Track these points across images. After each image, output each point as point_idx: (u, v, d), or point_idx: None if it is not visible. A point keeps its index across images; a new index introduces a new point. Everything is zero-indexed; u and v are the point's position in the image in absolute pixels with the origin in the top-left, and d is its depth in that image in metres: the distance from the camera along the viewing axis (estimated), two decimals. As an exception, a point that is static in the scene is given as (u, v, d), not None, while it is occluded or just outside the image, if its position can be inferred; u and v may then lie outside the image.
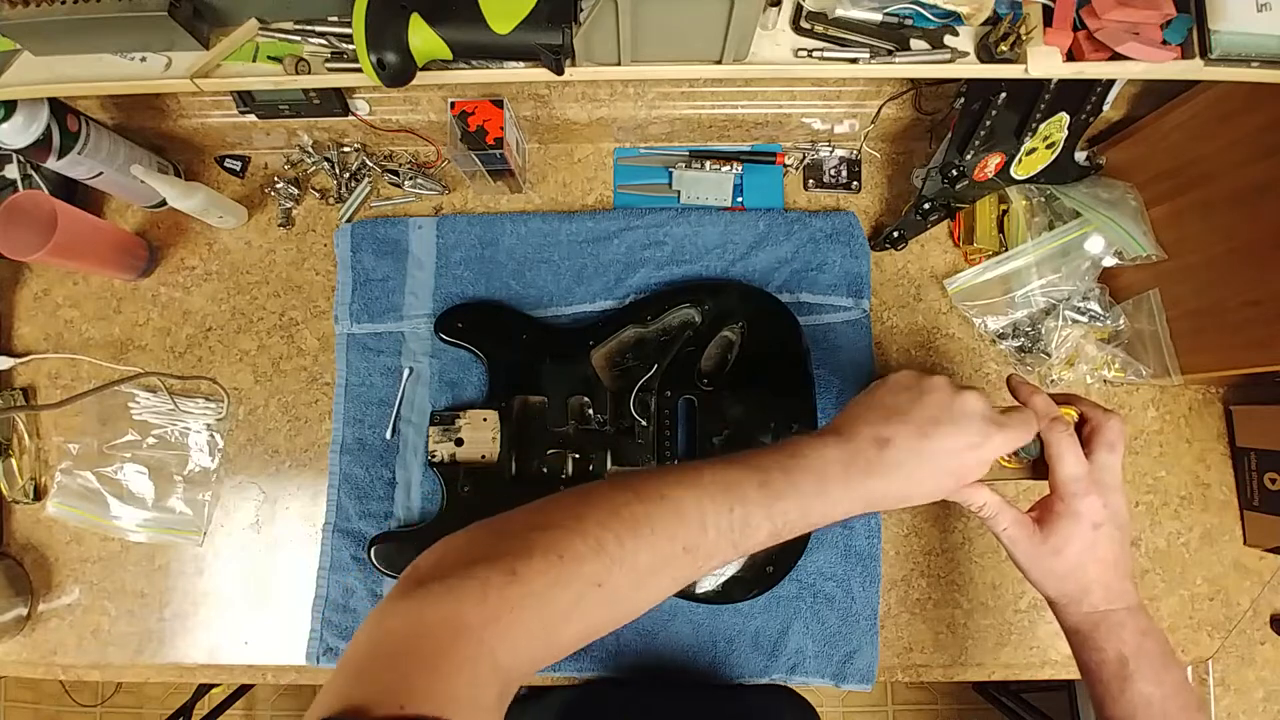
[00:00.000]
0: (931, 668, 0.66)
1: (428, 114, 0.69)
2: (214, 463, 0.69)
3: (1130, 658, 0.43)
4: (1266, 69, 0.45)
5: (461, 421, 0.64)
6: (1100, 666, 0.44)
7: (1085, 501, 0.43)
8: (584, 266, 0.69)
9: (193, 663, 0.67)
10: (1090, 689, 0.45)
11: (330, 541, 0.66)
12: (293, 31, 0.50)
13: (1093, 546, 0.44)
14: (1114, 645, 0.43)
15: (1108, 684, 0.44)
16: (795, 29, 0.48)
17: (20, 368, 0.71)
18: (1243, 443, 0.68)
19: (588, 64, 0.47)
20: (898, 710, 1.54)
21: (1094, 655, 0.44)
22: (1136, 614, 0.44)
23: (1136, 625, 0.44)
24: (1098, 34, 0.45)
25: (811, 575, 0.64)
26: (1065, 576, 0.45)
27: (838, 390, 0.67)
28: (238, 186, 0.74)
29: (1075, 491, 0.44)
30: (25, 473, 0.69)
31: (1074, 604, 0.45)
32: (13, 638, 0.67)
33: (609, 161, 0.74)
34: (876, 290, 0.70)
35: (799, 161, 0.73)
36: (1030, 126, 0.59)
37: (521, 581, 0.32)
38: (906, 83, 0.67)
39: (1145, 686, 0.42)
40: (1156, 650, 0.43)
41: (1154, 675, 0.43)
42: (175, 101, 0.69)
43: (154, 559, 0.68)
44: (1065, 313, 0.66)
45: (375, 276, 0.69)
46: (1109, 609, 0.44)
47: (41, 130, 0.58)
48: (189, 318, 0.72)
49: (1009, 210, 0.68)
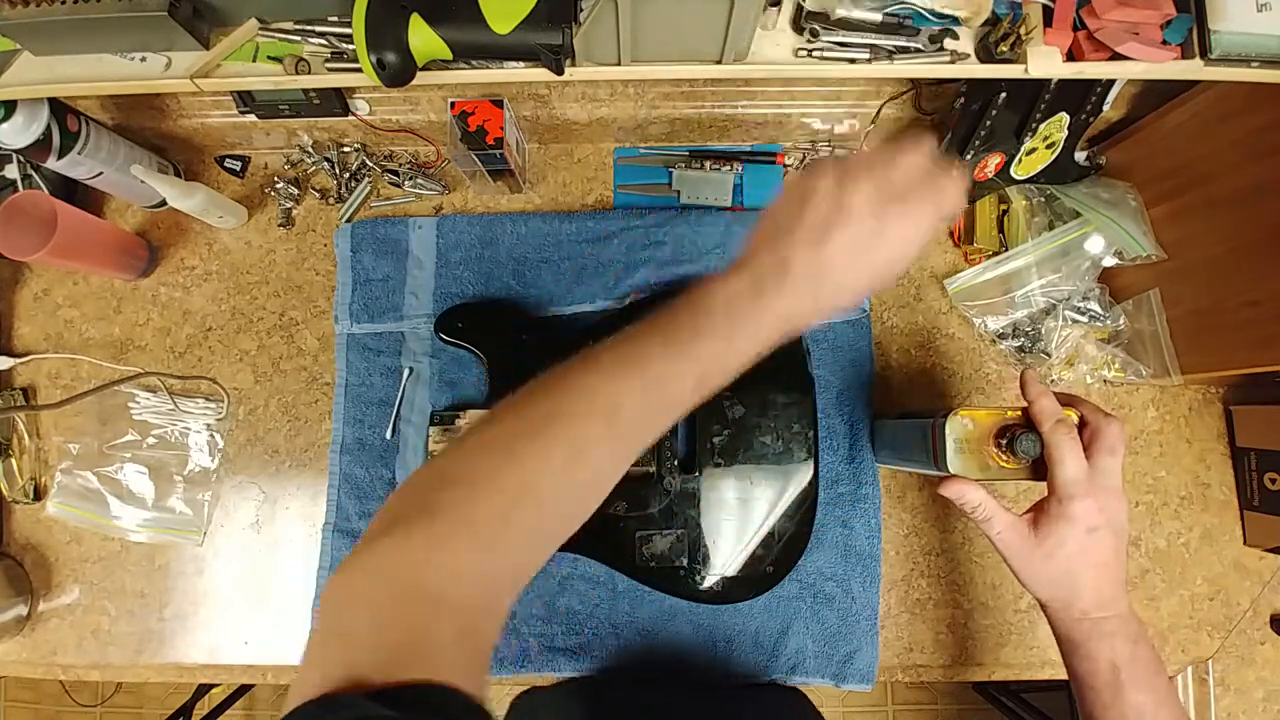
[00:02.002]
0: (931, 668, 0.66)
1: (428, 114, 0.69)
2: (214, 463, 0.69)
3: (1122, 666, 0.43)
4: (1266, 69, 0.45)
5: (461, 421, 0.64)
6: (1092, 675, 0.44)
7: (1082, 504, 0.43)
8: (584, 266, 0.69)
9: (192, 663, 0.67)
10: (1080, 696, 0.45)
11: (330, 541, 0.66)
12: (293, 31, 0.50)
13: (1085, 551, 0.44)
14: (1106, 653, 0.43)
15: (1099, 692, 0.43)
16: (795, 29, 0.48)
17: (20, 368, 0.71)
18: (1243, 443, 0.67)
19: (588, 64, 0.47)
20: (898, 710, 1.54)
21: (1085, 664, 0.44)
22: (1128, 621, 0.44)
23: (1128, 633, 0.44)
24: (1098, 34, 0.45)
25: (811, 575, 0.64)
26: (1056, 580, 0.45)
27: (838, 390, 0.67)
28: (238, 186, 0.74)
29: (1073, 494, 0.43)
30: (25, 473, 0.69)
31: (1065, 608, 0.45)
32: (13, 638, 0.67)
33: (609, 161, 0.74)
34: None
35: (799, 161, 0.73)
36: (1030, 126, 0.59)
37: (439, 516, 0.31)
38: (906, 83, 0.67)
39: (1137, 695, 0.42)
40: (1148, 658, 0.43)
41: (1146, 683, 0.43)
42: (175, 101, 0.69)
43: (154, 559, 0.68)
44: (1065, 313, 0.66)
45: (375, 276, 0.69)
46: (1101, 616, 0.44)
47: (41, 130, 0.58)
48: (189, 318, 0.72)
49: (1009, 210, 0.68)
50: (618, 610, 0.64)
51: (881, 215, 0.36)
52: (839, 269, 0.37)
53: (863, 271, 0.37)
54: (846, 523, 0.65)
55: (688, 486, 0.62)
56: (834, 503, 0.65)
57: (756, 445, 0.62)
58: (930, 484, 0.68)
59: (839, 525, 0.65)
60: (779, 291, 0.37)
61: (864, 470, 0.65)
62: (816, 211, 0.37)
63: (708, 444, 0.62)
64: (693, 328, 0.37)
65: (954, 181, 0.38)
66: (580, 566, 0.65)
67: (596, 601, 0.64)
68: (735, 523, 0.61)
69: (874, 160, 0.38)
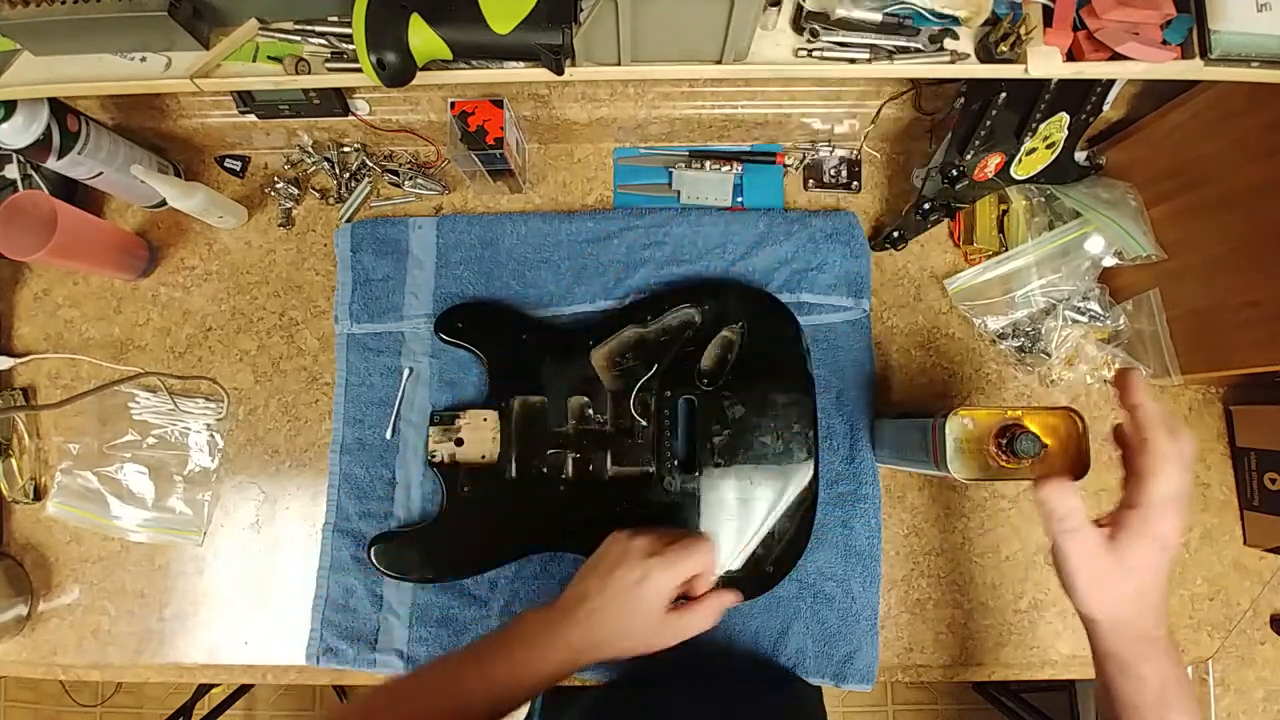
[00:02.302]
0: (931, 668, 0.66)
1: (428, 114, 0.69)
2: (214, 463, 0.69)
3: (1170, 685, 0.42)
4: (1266, 69, 0.45)
5: (461, 421, 0.64)
6: (1138, 693, 0.42)
7: (1173, 524, 0.41)
8: (584, 266, 0.69)
9: (193, 663, 0.67)
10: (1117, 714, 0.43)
11: (330, 541, 0.66)
12: (293, 31, 0.50)
13: (1159, 569, 0.42)
14: (1157, 672, 0.42)
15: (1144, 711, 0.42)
16: (795, 29, 0.48)
17: (20, 368, 0.71)
18: (1243, 443, 0.68)
19: (588, 64, 0.47)
20: (898, 710, 1.54)
21: (1133, 683, 0.42)
22: (1173, 641, 0.43)
23: (1173, 653, 0.42)
24: (1098, 34, 0.45)
25: (811, 575, 0.64)
26: (1128, 598, 0.42)
27: (837, 390, 0.67)
28: (238, 186, 0.74)
29: (1164, 514, 0.41)
30: (25, 473, 0.69)
31: (1123, 626, 0.43)
32: (13, 638, 0.67)
33: (609, 161, 0.74)
34: (876, 290, 0.70)
35: (799, 161, 0.73)
36: (1030, 126, 0.59)
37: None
38: (906, 83, 0.67)
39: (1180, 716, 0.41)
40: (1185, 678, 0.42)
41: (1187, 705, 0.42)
42: (175, 101, 0.69)
43: (154, 559, 0.68)
44: (1065, 313, 0.66)
45: (375, 276, 0.69)
46: (1158, 634, 0.42)
47: (41, 130, 0.58)
48: (189, 318, 0.72)
49: (1009, 210, 0.68)
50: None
51: (643, 566, 0.48)
52: (616, 604, 0.47)
53: (639, 612, 0.48)
54: (846, 523, 0.65)
55: (688, 486, 0.62)
56: (834, 503, 0.65)
57: (756, 445, 0.62)
58: (930, 484, 0.68)
59: (839, 525, 0.65)
60: (574, 620, 0.47)
61: (864, 470, 0.65)
62: (611, 558, 0.50)
63: (708, 444, 0.62)
64: (497, 647, 0.47)
65: (690, 553, 0.50)
66: (580, 566, 0.65)
67: (596, 601, 0.64)
68: (735, 523, 0.61)
69: (656, 533, 0.52)
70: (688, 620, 0.50)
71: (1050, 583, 0.67)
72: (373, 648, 0.64)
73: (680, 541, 0.51)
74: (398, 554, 0.62)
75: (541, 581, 0.65)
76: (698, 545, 0.51)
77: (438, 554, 0.63)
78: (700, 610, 0.51)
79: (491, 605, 0.64)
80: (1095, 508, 0.67)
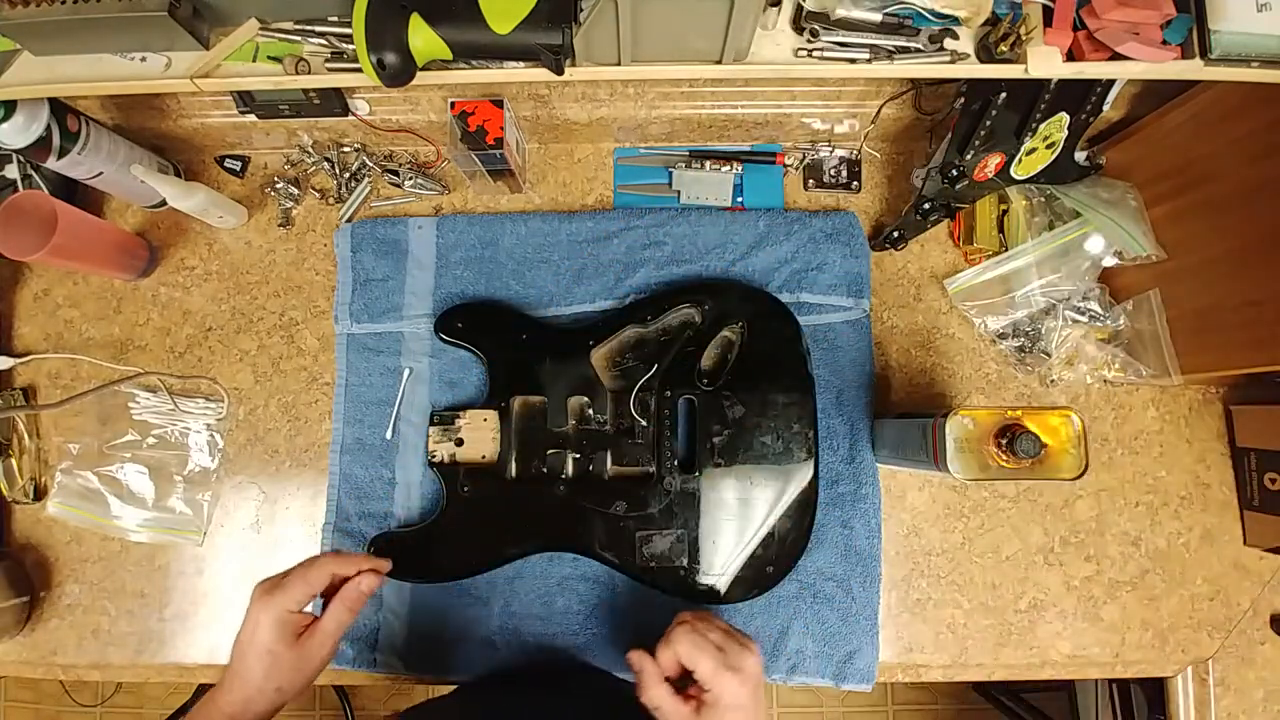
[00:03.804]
0: (931, 668, 0.66)
1: (428, 114, 0.69)
2: (214, 463, 0.69)
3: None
4: (1266, 69, 0.45)
5: (461, 421, 0.64)
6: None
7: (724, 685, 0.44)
8: (584, 266, 0.69)
9: (193, 663, 0.67)
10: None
11: (330, 541, 0.66)
12: (293, 31, 0.49)
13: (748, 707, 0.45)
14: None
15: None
16: (795, 29, 0.48)
17: (20, 368, 0.71)
18: (1243, 443, 0.67)
19: (588, 64, 0.47)
20: (898, 710, 1.54)
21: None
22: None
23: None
24: (1098, 34, 0.45)
25: (811, 575, 0.64)
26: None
27: (837, 390, 0.67)
28: (238, 186, 0.74)
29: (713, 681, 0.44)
30: (25, 473, 0.69)
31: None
32: (13, 637, 0.67)
33: (609, 161, 0.74)
34: (876, 290, 0.70)
35: (799, 161, 0.73)
36: (1030, 126, 0.59)
37: None
38: (906, 83, 0.67)
39: None
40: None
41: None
42: (175, 101, 0.69)
43: (154, 559, 0.68)
44: (1065, 313, 0.66)
45: (375, 276, 0.69)
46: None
47: (41, 130, 0.58)
48: (189, 318, 0.72)
49: (1009, 210, 0.68)
50: (617, 610, 0.64)
51: (256, 604, 0.51)
52: (238, 647, 0.49)
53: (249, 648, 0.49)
54: (846, 523, 0.65)
55: (688, 486, 0.62)
56: (834, 503, 0.65)
57: (756, 445, 0.62)
58: (930, 484, 0.68)
59: (839, 525, 0.65)
60: (223, 691, 0.48)
61: (864, 470, 0.65)
62: None
63: (708, 444, 0.62)
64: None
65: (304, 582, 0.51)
66: (580, 566, 0.65)
67: (596, 601, 0.64)
68: (735, 523, 0.61)
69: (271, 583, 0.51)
70: (316, 644, 0.49)
71: (1050, 583, 0.67)
72: (373, 648, 0.64)
73: (294, 571, 0.51)
74: (397, 554, 0.62)
75: (541, 581, 0.65)
76: (308, 564, 0.51)
77: (437, 554, 0.63)
78: (321, 630, 0.50)
79: (491, 605, 0.64)
80: (1095, 507, 0.67)
